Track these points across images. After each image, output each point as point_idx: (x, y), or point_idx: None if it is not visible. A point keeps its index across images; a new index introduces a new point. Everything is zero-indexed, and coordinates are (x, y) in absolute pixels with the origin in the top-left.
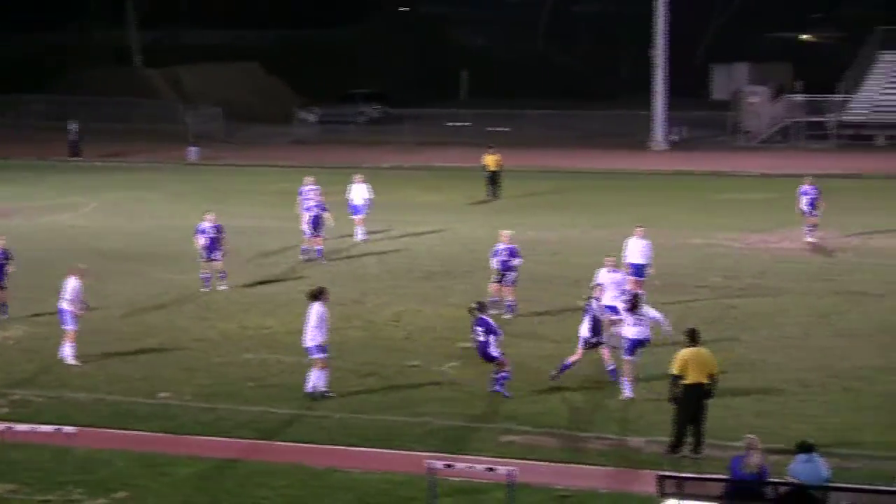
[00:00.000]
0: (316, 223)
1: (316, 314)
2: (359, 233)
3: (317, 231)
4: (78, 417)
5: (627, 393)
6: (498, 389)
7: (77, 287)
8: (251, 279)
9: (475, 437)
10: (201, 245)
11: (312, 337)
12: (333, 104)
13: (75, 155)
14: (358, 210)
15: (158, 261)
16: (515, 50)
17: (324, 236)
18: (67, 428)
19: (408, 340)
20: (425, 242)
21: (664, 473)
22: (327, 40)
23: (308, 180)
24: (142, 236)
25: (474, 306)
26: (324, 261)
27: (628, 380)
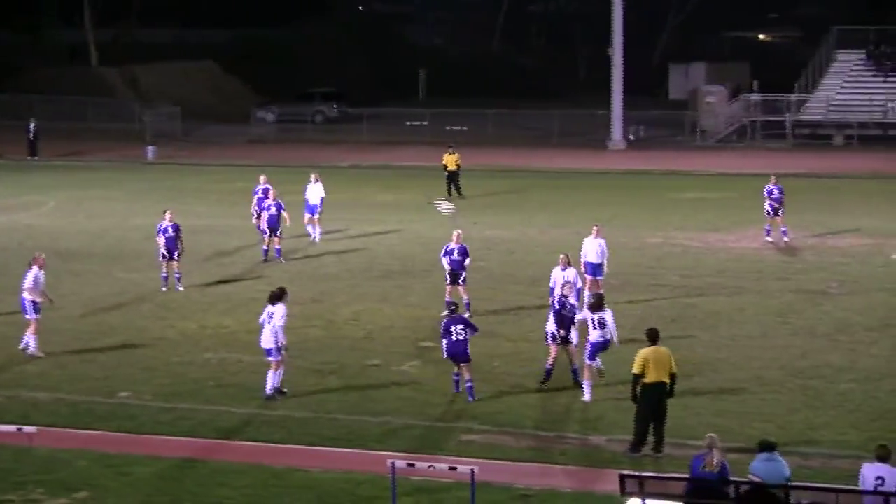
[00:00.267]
0: (273, 223)
1: (281, 315)
2: (315, 232)
3: (274, 231)
4: (37, 417)
5: (587, 397)
6: (470, 400)
7: (38, 276)
8: (210, 278)
9: (436, 437)
10: (162, 245)
11: (276, 339)
12: (291, 103)
13: (33, 154)
14: (314, 209)
15: (117, 260)
16: (473, 50)
17: (281, 236)
18: (28, 427)
19: (368, 339)
20: (384, 242)
21: (626, 473)
22: (285, 39)
23: (262, 179)
24: (100, 235)
25: (452, 307)
26: (282, 260)
27: (589, 384)
